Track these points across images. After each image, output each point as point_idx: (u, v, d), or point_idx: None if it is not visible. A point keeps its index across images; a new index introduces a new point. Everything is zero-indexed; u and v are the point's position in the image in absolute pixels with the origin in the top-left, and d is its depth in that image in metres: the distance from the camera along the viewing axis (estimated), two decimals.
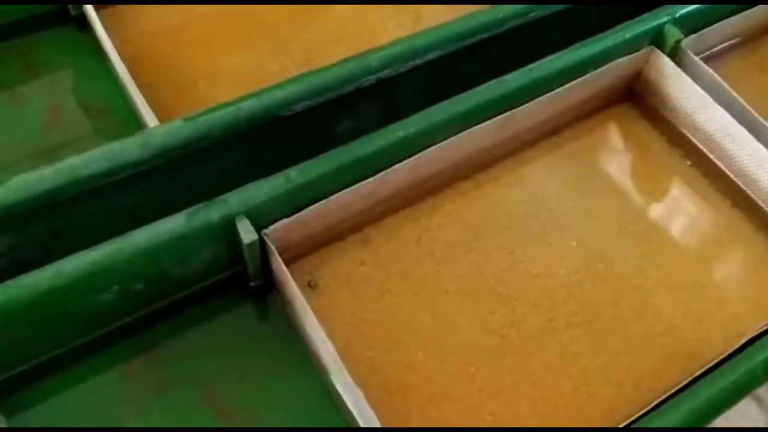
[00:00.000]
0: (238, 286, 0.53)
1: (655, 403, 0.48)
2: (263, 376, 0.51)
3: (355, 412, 0.46)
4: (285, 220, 0.50)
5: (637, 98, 0.68)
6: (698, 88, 0.62)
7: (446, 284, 0.56)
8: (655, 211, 0.62)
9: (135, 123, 0.61)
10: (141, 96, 0.57)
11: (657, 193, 0.63)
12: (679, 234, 0.61)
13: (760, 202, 0.61)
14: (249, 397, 0.50)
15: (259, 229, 0.50)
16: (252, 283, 0.52)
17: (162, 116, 0.60)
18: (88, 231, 0.49)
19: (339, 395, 0.48)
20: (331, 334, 0.52)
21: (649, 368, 0.53)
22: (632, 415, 0.49)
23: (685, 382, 0.49)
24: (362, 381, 0.51)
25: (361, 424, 0.44)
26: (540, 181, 0.63)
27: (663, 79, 0.65)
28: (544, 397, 0.51)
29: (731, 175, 0.63)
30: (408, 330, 0.53)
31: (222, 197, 0.47)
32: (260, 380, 0.50)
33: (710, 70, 0.63)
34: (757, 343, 0.48)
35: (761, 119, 0.61)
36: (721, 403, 0.44)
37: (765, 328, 0.52)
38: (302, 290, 0.54)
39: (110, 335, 0.49)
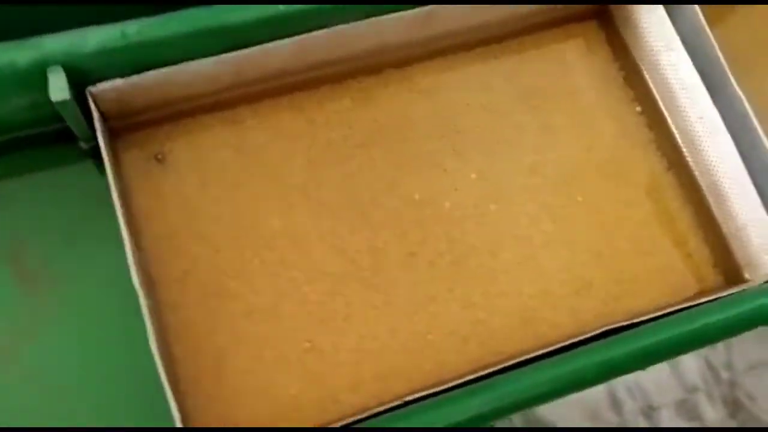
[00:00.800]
0: (72, 141, 0.47)
1: (487, 371, 0.44)
2: (77, 243, 0.46)
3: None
4: (117, 81, 0.43)
5: (606, 18, 0.58)
6: (669, 25, 0.52)
7: (311, 190, 0.50)
8: (579, 157, 0.54)
9: None
10: None
11: (589, 137, 0.55)
12: (597, 189, 0.53)
13: (696, 173, 0.53)
14: (56, 264, 0.45)
15: (86, 85, 0.43)
16: (83, 145, 0.46)
17: None
18: None
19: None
20: (162, 217, 0.48)
21: (502, 329, 0.48)
22: (461, 374, 0.44)
23: (527, 357, 0.44)
24: (180, 277, 0.46)
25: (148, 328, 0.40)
26: (460, 94, 0.54)
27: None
28: (375, 336, 0.47)
29: (677, 135, 0.54)
30: (251, 232, 0.48)
31: (36, 39, 0.40)
32: (73, 247, 0.46)
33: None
34: (598, 343, 0.42)
35: (731, 77, 0.51)
36: (536, 398, 0.39)
37: (638, 319, 0.46)
38: (146, 162, 0.49)
39: None
